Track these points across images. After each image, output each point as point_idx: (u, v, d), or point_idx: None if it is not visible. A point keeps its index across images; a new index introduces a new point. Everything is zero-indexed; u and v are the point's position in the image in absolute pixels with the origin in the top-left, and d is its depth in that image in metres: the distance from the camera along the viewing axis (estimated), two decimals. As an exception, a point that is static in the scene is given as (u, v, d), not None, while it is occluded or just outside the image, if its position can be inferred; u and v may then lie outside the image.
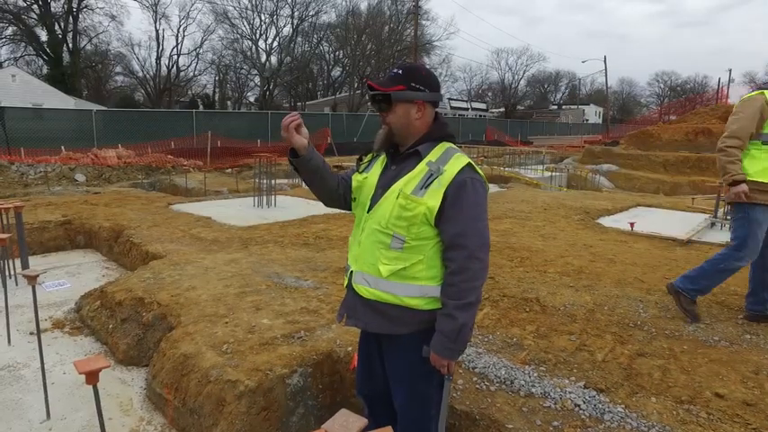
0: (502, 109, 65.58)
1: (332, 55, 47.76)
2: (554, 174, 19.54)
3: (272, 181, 8.95)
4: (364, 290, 1.99)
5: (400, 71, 1.96)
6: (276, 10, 40.43)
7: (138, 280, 4.41)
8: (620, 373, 3.08)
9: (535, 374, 2.96)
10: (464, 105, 55.83)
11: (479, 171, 1.93)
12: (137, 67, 41.26)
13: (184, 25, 40.89)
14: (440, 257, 1.93)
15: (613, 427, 2.52)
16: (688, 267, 5.61)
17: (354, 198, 2.12)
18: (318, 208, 8.37)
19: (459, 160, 1.90)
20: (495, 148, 28.43)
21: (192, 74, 43.54)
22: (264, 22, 41.25)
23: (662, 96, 73.46)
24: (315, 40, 43.86)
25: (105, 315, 4.14)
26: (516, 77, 69.13)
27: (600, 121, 64.35)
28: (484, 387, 2.81)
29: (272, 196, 8.67)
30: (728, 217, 8.46)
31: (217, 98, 44.92)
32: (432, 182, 1.87)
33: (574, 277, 4.98)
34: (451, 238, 1.87)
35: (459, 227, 1.85)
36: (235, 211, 8.05)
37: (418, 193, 1.87)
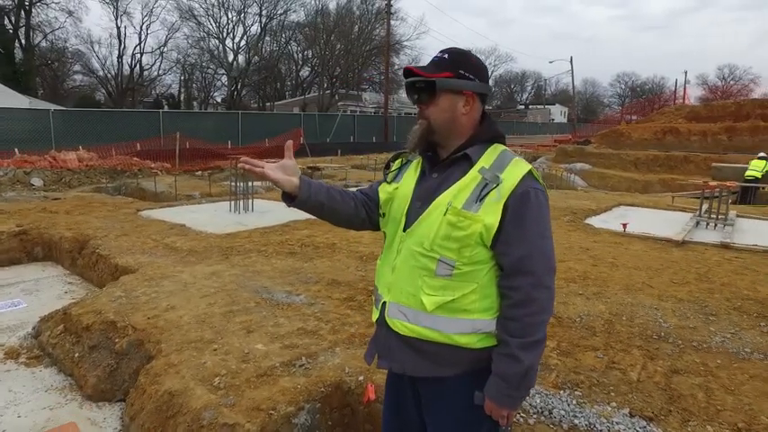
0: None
1: (300, 55, 47.01)
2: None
3: (249, 184, 8.44)
4: (401, 325, 1.61)
5: (446, 55, 1.60)
6: (244, 8, 39.46)
7: (108, 299, 3.90)
8: (661, 395, 2.80)
9: (573, 401, 2.63)
10: (434, 105, 55.82)
11: (541, 180, 1.57)
12: (97, 66, 39.53)
13: (147, 23, 39.30)
14: (495, 285, 1.56)
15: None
16: (691, 269, 5.46)
17: (383, 213, 1.73)
18: (299, 213, 7.89)
19: (518, 167, 1.54)
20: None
21: (155, 73, 42.08)
22: (232, 21, 40.22)
23: (623, 96, 75.46)
24: (283, 40, 43.05)
25: (70, 342, 3.63)
26: (485, 77, 69.67)
27: (565, 120, 65.52)
28: (521, 419, 2.46)
29: (249, 200, 8.17)
30: (713, 215, 8.45)
31: (182, 98, 43.56)
32: (488, 193, 1.50)
33: (581, 284, 4.72)
34: (515, 263, 1.50)
35: (525, 248, 1.49)
36: (210, 217, 7.52)
37: (472, 208, 1.50)
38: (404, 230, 1.63)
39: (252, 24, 41.21)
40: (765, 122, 22.71)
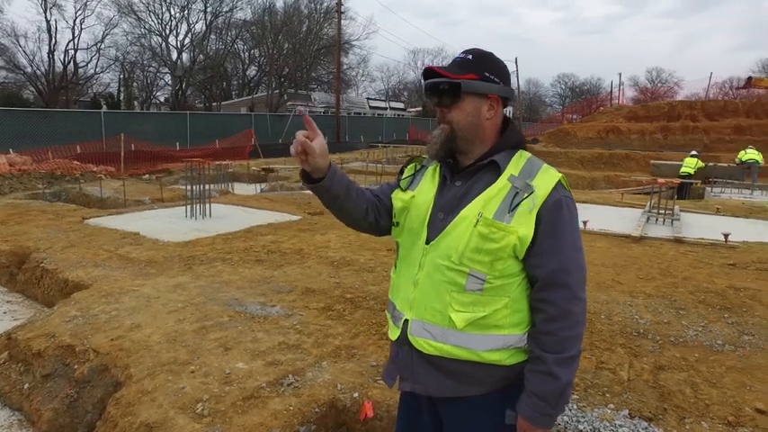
0: (419, 108, 66.73)
1: (247, 54, 45.79)
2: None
3: (205, 187, 8.06)
4: (427, 344, 1.49)
5: (470, 56, 1.50)
6: (188, 4, 37.90)
7: (61, 320, 3.55)
8: (653, 393, 2.83)
9: (573, 405, 2.60)
10: (383, 105, 56.07)
11: (569, 187, 1.51)
12: (24, 62, 36.77)
13: (81, 17, 36.84)
14: (526, 298, 1.48)
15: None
16: (653, 265, 5.65)
17: (397, 222, 1.61)
18: (259, 216, 7.63)
19: (549, 174, 1.47)
20: (421, 147, 28.59)
21: (92, 71, 39.71)
22: (175, 17, 38.49)
23: (564, 96, 78.48)
24: (229, 38, 41.80)
25: (17, 371, 3.27)
26: (433, 77, 70.56)
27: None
28: (525, 430, 2.40)
29: (207, 205, 7.79)
30: (661, 210, 8.85)
31: (122, 98, 41.39)
32: (519, 203, 1.41)
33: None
34: (549, 275, 1.42)
35: (560, 260, 1.41)
36: (166, 225, 7.10)
37: (504, 219, 1.41)
38: (426, 243, 1.52)
39: (196, 22, 39.69)
40: (694, 123, 24.27)
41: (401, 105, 59.88)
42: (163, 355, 2.98)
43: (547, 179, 1.44)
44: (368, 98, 55.57)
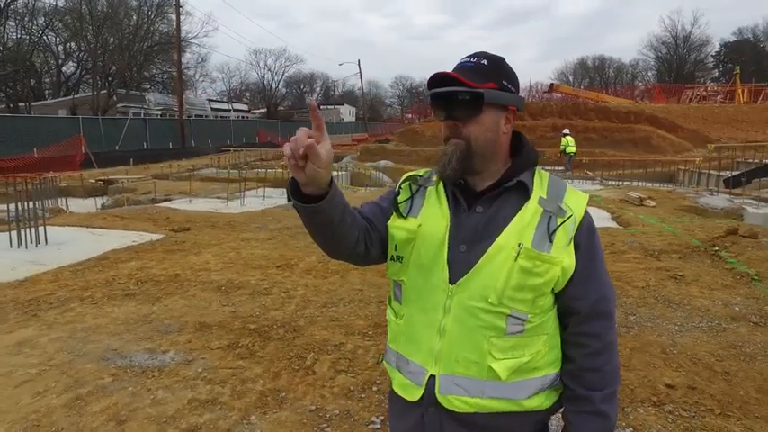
0: (264, 110, 64.91)
1: (62, 47, 39.68)
2: (339, 173, 19.87)
3: (36, 204, 6.60)
4: (460, 402, 1.24)
5: (484, 61, 1.27)
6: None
7: None
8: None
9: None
10: (225, 107, 53.32)
11: None
12: None
13: None
14: (559, 333, 1.31)
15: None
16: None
17: (398, 257, 1.32)
18: (112, 239, 6.46)
19: (578, 195, 1.34)
20: (272, 151, 27.71)
21: None
22: (-45, -2, 31.68)
23: (402, 97, 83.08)
24: (36, 27, 35.74)
25: None
26: (276, 78, 69.24)
27: (353, 120, 69.32)
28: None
29: (39, 229, 6.37)
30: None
31: None
32: (556, 229, 1.23)
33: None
34: (592, 306, 1.28)
35: (600, 288, 1.28)
36: (-17, 259, 5.61)
37: (544, 248, 1.22)
38: (452, 282, 1.24)
39: (-13, 4, 33.17)
40: (522, 122, 27.39)
41: (245, 107, 57.60)
42: (30, 448, 2.21)
43: (578, 200, 1.29)
44: (209, 100, 52.34)
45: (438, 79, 1.24)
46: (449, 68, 1.28)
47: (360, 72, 57.88)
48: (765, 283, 4.94)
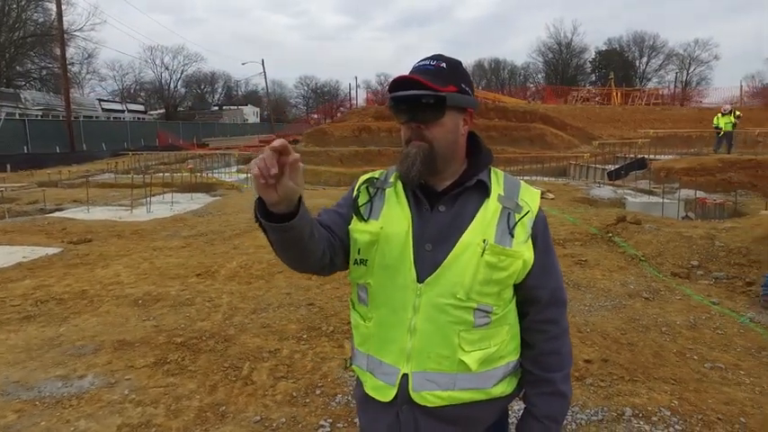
0: (162, 110, 61.05)
1: None
2: (249, 175, 19.31)
3: None
4: (433, 396, 1.30)
5: (443, 64, 1.33)
6: None
7: None
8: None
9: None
10: (119, 107, 49.43)
11: None
12: None
13: None
14: (518, 322, 1.42)
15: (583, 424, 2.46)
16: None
17: (362, 260, 1.34)
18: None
19: (531, 190, 1.45)
20: (175, 154, 26.17)
21: None
22: None
23: (307, 98, 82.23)
24: None
25: None
26: (174, 77, 65.32)
27: (258, 120, 67.43)
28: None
29: None
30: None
31: None
32: (515, 224, 1.33)
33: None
34: (551, 294, 1.40)
35: (556, 278, 1.39)
36: None
37: (506, 243, 1.31)
38: (419, 281, 1.29)
39: None
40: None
41: (141, 107, 53.77)
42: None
43: (532, 196, 1.39)
44: (99, 99, 48.18)
45: (401, 82, 1.26)
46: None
47: (264, 71, 56.37)
48: (650, 263, 5.57)
